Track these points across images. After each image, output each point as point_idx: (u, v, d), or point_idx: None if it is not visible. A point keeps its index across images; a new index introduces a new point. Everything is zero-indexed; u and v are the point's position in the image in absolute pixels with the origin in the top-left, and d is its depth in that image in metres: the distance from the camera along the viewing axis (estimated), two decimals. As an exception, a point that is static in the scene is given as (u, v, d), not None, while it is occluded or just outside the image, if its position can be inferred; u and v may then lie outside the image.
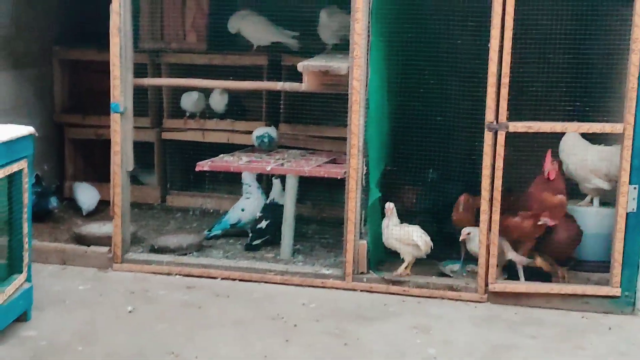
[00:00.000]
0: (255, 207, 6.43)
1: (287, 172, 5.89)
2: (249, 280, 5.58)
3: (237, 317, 4.92)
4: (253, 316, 4.94)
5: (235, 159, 6.14)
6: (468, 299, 5.29)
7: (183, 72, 7.00)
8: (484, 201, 5.19)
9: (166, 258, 5.81)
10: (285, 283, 5.53)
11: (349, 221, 5.43)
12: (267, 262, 5.90)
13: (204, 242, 6.32)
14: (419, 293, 5.36)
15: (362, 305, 5.18)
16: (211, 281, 5.58)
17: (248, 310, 5.04)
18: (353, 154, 5.36)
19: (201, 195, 7.35)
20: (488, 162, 5.14)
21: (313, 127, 6.90)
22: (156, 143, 7.38)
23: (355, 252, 5.44)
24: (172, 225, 6.99)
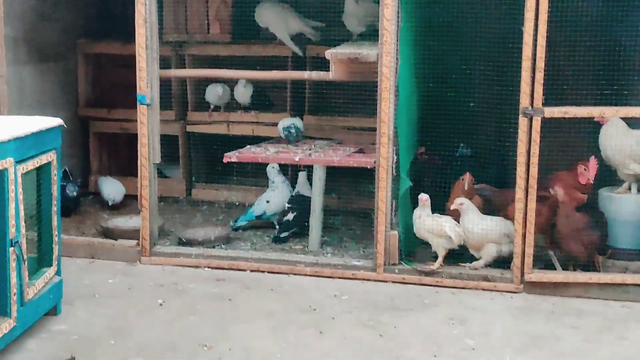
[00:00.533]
0: (280, 199, 6.41)
1: (316, 162, 5.84)
2: (278, 272, 5.55)
3: (268, 309, 4.88)
4: (284, 308, 4.90)
5: (262, 150, 6.11)
6: (503, 290, 5.22)
7: (207, 64, 6.99)
8: (519, 189, 5.10)
9: (194, 251, 5.80)
10: (315, 275, 5.50)
11: (380, 211, 5.37)
12: (296, 253, 5.88)
13: (231, 234, 6.30)
14: (452, 284, 5.30)
15: (395, 297, 5.14)
16: (240, 273, 5.55)
17: (279, 303, 5.00)
18: (383, 142, 5.30)
19: (227, 188, 7.35)
20: (523, 148, 5.05)
21: (339, 117, 6.87)
22: (181, 136, 7.36)
23: (386, 243, 5.39)
24: (198, 218, 6.99)
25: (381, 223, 5.37)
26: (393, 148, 5.31)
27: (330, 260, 5.60)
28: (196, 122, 7.32)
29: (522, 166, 5.06)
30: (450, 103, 5.58)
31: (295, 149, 6.13)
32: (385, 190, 5.34)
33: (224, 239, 6.16)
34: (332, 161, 5.70)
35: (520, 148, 5.04)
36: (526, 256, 5.15)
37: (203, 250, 5.80)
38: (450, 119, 5.52)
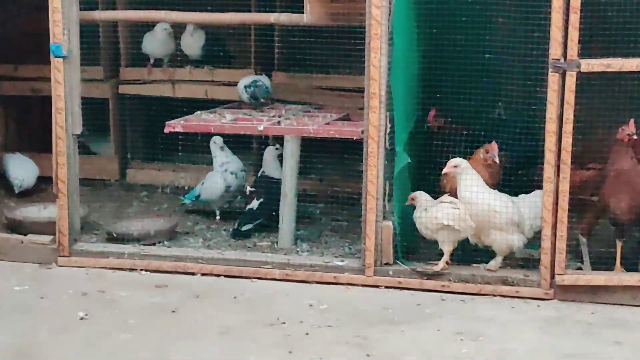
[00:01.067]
0: (215, 183, 6.45)
1: (285, 132, 5.84)
2: (238, 276, 5.56)
3: (223, 324, 4.88)
4: (245, 322, 4.90)
5: (216, 117, 6.09)
6: (528, 296, 5.24)
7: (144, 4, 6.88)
8: (548, 166, 5.13)
9: (128, 249, 5.79)
10: (286, 279, 5.52)
11: (369, 196, 5.37)
12: (262, 252, 5.88)
13: (178, 228, 6.29)
14: (462, 289, 5.32)
15: (388, 306, 5.15)
16: (188, 278, 5.56)
17: (238, 315, 5.00)
18: (373, 106, 5.29)
19: (172, 168, 7.35)
20: (554, 113, 5.06)
21: (317, 75, 6.87)
22: (112, 100, 7.36)
23: (377, 237, 5.41)
24: (135, 207, 6.96)
25: (371, 211, 5.37)
26: (386, 114, 5.31)
27: (306, 260, 5.61)
28: (131, 81, 7.30)
29: (552, 136, 5.08)
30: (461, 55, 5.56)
31: (260, 116, 6.12)
32: (375, 169, 5.34)
33: (168, 234, 6.14)
34: (307, 131, 5.71)
35: (549, 112, 5.05)
36: (557, 252, 5.16)
37: (140, 248, 5.80)
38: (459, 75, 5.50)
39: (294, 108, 6.49)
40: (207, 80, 7.15)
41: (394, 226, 5.41)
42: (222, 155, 6.54)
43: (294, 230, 6.07)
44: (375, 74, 5.26)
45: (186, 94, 7.10)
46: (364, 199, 5.40)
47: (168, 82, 7.20)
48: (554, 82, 5.03)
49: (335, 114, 6.21)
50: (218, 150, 6.54)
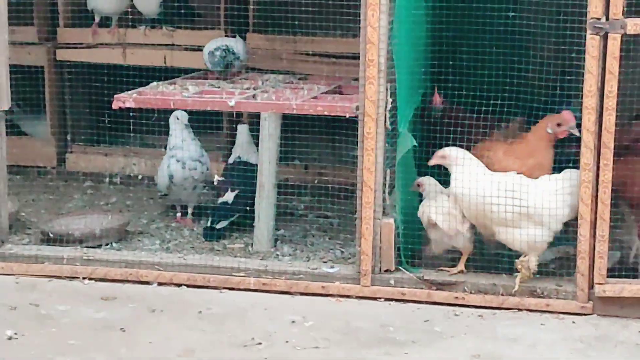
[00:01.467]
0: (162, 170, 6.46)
1: (263, 108, 5.84)
2: (204, 285, 5.57)
3: (185, 346, 4.86)
4: (211, 343, 4.90)
5: (177, 89, 6.08)
6: (561, 310, 5.26)
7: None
8: (585, 150, 5.12)
9: (68, 252, 5.80)
10: (263, 289, 5.53)
11: (366, 187, 5.38)
12: (233, 256, 5.89)
13: (130, 227, 6.30)
14: (481, 302, 5.33)
15: (388, 323, 5.15)
16: (142, 288, 5.57)
17: (203, 334, 4.99)
18: (370, 76, 5.29)
19: (122, 152, 7.39)
20: (593, 84, 5.05)
21: (302, 38, 6.90)
22: (47, 68, 7.36)
23: (376, 238, 5.41)
24: (76, 201, 6.98)
25: (368, 206, 5.38)
26: (387, 86, 5.30)
27: (288, 266, 5.62)
28: (72, 45, 7.30)
29: (591, 113, 5.07)
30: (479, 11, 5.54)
31: (232, 88, 6.11)
32: (373, 154, 5.34)
33: (117, 234, 6.16)
34: (289, 107, 5.70)
35: (588, 83, 5.05)
36: (597, 257, 5.17)
37: (82, 252, 5.81)
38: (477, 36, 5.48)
39: (273, 78, 6.49)
40: (165, 44, 7.16)
41: (396, 224, 5.42)
42: (177, 135, 6.50)
43: (272, 229, 6.08)
44: (374, 36, 5.25)
45: (140, 61, 7.12)
46: (360, 190, 5.40)
47: (118, 46, 7.22)
48: (593, 47, 5.03)
49: (323, 85, 6.22)
50: (178, 129, 6.50)
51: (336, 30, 6.83)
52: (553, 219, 5.27)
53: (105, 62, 7.19)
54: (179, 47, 7.13)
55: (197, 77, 6.51)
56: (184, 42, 7.14)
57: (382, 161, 5.37)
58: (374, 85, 5.29)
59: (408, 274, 5.43)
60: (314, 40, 6.91)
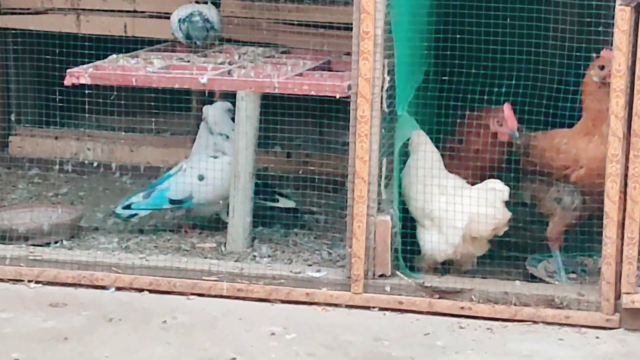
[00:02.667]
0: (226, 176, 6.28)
1: (239, 86, 5.81)
2: (169, 291, 5.58)
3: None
4: (175, 357, 4.90)
5: (140, 63, 6.08)
6: (583, 324, 5.27)
7: None
8: (613, 138, 5.13)
9: (11, 251, 5.79)
10: (238, 296, 5.53)
11: (358, 179, 5.39)
12: (203, 257, 5.91)
13: (83, 222, 6.31)
14: (490, 313, 5.35)
15: (383, 336, 5.15)
16: (98, 293, 5.57)
17: (168, 348, 4.99)
18: (365, 50, 5.29)
19: (75, 135, 7.41)
20: (622, 63, 5.07)
21: (286, 5, 6.95)
22: None
23: (369, 238, 5.42)
24: (20, 192, 7.00)
25: (360, 201, 5.39)
26: (384, 62, 5.31)
27: (267, 270, 5.63)
28: (17, 10, 7.31)
29: (620, 96, 5.09)
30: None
31: (203, 62, 6.13)
32: (367, 140, 5.35)
33: (68, 230, 6.16)
34: (270, 85, 5.67)
35: (616, 63, 5.06)
36: (625, 262, 5.19)
37: (28, 251, 5.81)
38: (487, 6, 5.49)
39: (251, 52, 6.49)
40: (126, 11, 7.18)
41: (393, 222, 5.43)
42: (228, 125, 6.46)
43: (249, 227, 6.10)
44: (369, 4, 5.25)
45: (96, 30, 7.12)
46: (351, 183, 5.40)
47: (71, 12, 7.24)
48: (623, 20, 5.03)
49: (310, 61, 6.22)
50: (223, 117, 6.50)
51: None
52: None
53: (56, 30, 7.18)
54: (141, 14, 7.15)
55: (164, 50, 6.51)
56: (147, 9, 7.16)
57: (377, 149, 5.38)
58: (369, 62, 5.29)
59: (406, 279, 5.44)
60: (299, 8, 6.94)
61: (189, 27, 6.42)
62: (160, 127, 7.33)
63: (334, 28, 6.72)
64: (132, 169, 7.30)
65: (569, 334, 5.21)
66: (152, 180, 6.75)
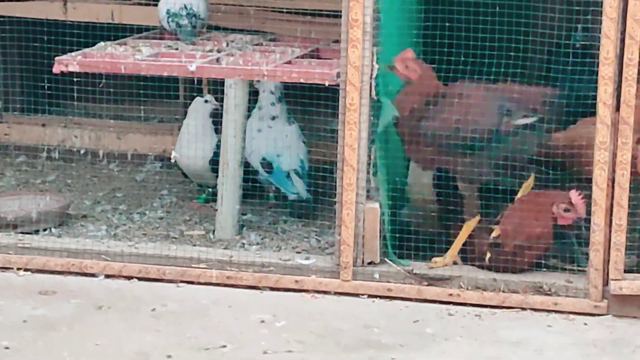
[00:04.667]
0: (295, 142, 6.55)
1: (228, 74, 5.84)
2: (159, 279, 5.59)
3: (137, 348, 4.86)
4: (167, 346, 4.88)
5: (128, 50, 6.08)
6: (572, 310, 5.29)
7: None
8: (601, 126, 5.15)
9: (0, 239, 5.79)
10: (227, 283, 5.54)
11: (347, 167, 5.40)
12: (192, 245, 5.92)
13: (71, 209, 6.31)
14: (479, 299, 5.37)
15: (372, 323, 5.16)
16: (87, 281, 5.57)
17: (158, 335, 4.99)
18: (354, 38, 5.30)
19: (63, 123, 7.40)
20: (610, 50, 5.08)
21: None
22: None
23: (358, 226, 5.43)
24: (8, 179, 7.00)
25: (349, 188, 5.40)
26: (373, 50, 5.32)
27: (256, 257, 5.63)
28: None
29: (608, 84, 5.10)
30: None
31: (191, 50, 6.13)
32: (356, 128, 5.35)
33: (57, 218, 6.16)
34: (259, 73, 5.69)
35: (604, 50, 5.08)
36: (613, 249, 5.20)
37: (17, 239, 5.81)
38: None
39: (239, 39, 6.48)
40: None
41: (382, 210, 5.43)
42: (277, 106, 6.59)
43: (237, 214, 6.10)
44: (358, -9, 5.25)
45: (84, 17, 7.10)
46: (340, 170, 5.42)
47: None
48: (611, 8, 5.05)
49: (298, 48, 6.22)
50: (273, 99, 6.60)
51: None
52: None
53: (43, 17, 7.10)
54: (129, 1, 7.12)
55: (152, 37, 6.48)
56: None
57: (366, 137, 5.39)
58: (358, 49, 5.29)
59: (395, 266, 5.44)
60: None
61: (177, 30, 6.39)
62: (148, 114, 7.31)
63: (321, 15, 6.70)
64: (120, 156, 7.30)
65: (558, 320, 5.23)
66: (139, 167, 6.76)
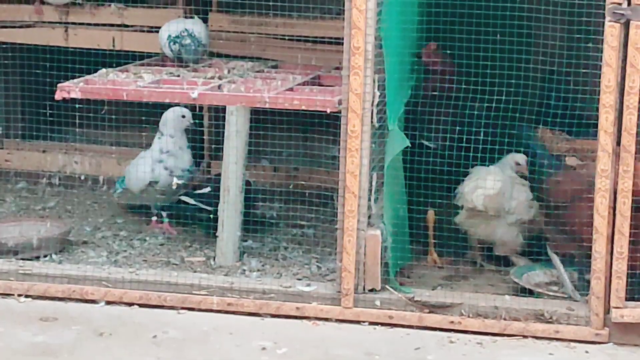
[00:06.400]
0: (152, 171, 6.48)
1: (231, 101, 5.82)
2: (160, 305, 5.56)
3: None
4: None
5: (130, 77, 6.07)
6: (573, 338, 5.27)
7: None
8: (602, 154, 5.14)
9: (0, 265, 5.77)
10: (228, 310, 5.52)
11: (349, 194, 5.38)
12: (193, 271, 5.90)
13: (72, 236, 6.30)
14: (480, 327, 5.35)
15: (373, 351, 5.14)
16: (88, 308, 5.55)
17: None
18: (356, 65, 5.30)
19: (63, 149, 7.38)
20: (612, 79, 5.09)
21: (274, 19, 6.91)
22: None
23: (359, 252, 5.42)
24: (8, 205, 6.99)
25: (351, 215, 5.39)
26: (374, 77, 5.33)
27: (257, 284, 5.62)
28: (6, 23, 7.27)
29: (609, 112, 5.10)
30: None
31: (193, 77, 6.12)
32: (358, 155, 5.34)
33: (57, 244, 6.15)
34: (261, 100, 5.68)
35: (605, 78, 5.08)
36: (614, 277, 5.19)
37: (17, 265, 5.78)
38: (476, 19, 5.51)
39: (240, 66, 6.47)
40: (115, 25, 7.15)
41: (383, 236, 5.43)
42: (176, 139, 6.53)
43: (238, 240, 6.08)
44: (360, 20, 5.25)
45: (85, 44, 7.09)
46: (342, 197, 5.40)
47: (59, 25, 7.20)
48: (612, 36, 5.05)
49: (299, 75, 6.22)
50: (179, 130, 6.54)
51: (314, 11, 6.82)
52: None
53: (44, 43, 7.12)
54: (130, 28, 7.12)
55: (153, 64, 6.49)
56: (135, 22, 7.13)
57: (367, 164, 5.37)
58: (360, 77, 5.29)
59: (396, 294, 5.43)
60: (287, 23, 6.90)
61: (181, 50, 6.39)
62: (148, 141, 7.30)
63: (321, 42, 6.74)
64: (120, 182, 7.28)
65: (559, 348, 5.22)
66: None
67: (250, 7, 6.81)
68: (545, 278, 5.84)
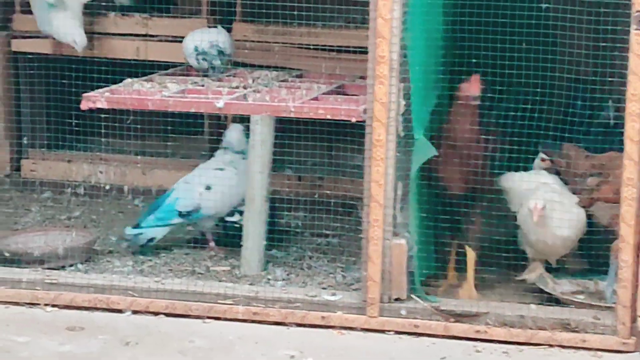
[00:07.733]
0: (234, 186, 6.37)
1: (256, 110, 5.83)
2: (186, 314, 5.56)
3: None
4: None
5: (155, 87, 6.09)
6: (599, 347, 5.25)
7: None
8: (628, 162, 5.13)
9: (27, 275, 5.78)
10: (254, 319, 5.51)
11: (374, 203, 5.38)
12: (218, 280, 5.90)
13: (97, 245, 6.31)
14: (506, 336, 5.33)
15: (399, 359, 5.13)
16: (114, 317, 5.56)
17: None
18: (381, 75, 5.30)
19: (88, 158, 7.40)
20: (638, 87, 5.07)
21: (298, 28, 6.94)
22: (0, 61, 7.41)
23: (385, 262, 5.42)
24: (34, 215, 6.99)
25: (376, 224, 5.39)
26: (400, 86, 5.32)
27: (282, 293, 5.63)
28: (30, 34, 7.30)
29: (635, 121, 5.09)
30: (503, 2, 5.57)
31: (218, 86, 6.13)
32: (383, 164, 5.35)
33: (83, 254, 6.16)
34: (286, 109, 5.69)
35: (632, 87, 5.07)
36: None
37: (44, 274, 5.79)
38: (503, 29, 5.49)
39: (264, 75, 6.49)
40: (139, 34, 7.19)
41: (409, 246, 5.42)
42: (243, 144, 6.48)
43: (263, 250, 6.08)
44: (385, 29, 5.26)
45: (109, 53, 7.13)
46: (367, 207, 5.40)
47: (83, 35, 7.15)
48: (638, 44, 5.04)
49: (323, 84, 6.23)
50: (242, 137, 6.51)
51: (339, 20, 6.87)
52: None
53: (69, 54, 7.15)
54: (155, 38, 7.15)
55: (178, 74, 6.51)
56: (160, 32, 7.17)
57: (392, 173, 5.37)
58: (385, 86, 5.29)
59: (422, 303, 5.42)
60: (311, 32, 6.93)
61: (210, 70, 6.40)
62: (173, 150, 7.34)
63: (346, 51, 6.75)
64: (144, 192, 7.27)
65: (585, 357, 5.20)
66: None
67: (274, 17, 6.78)
68: (572, 287, 5.82)
